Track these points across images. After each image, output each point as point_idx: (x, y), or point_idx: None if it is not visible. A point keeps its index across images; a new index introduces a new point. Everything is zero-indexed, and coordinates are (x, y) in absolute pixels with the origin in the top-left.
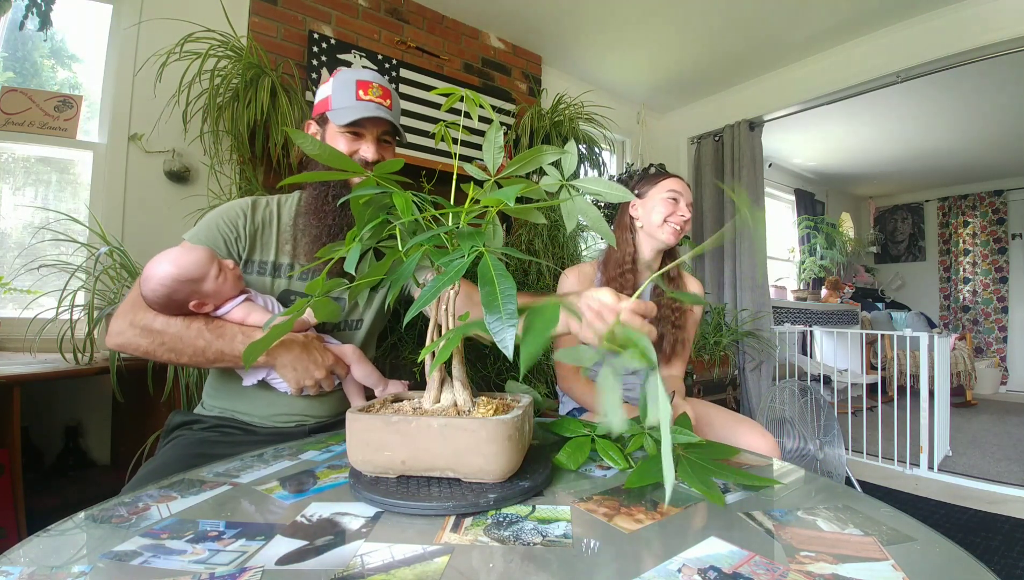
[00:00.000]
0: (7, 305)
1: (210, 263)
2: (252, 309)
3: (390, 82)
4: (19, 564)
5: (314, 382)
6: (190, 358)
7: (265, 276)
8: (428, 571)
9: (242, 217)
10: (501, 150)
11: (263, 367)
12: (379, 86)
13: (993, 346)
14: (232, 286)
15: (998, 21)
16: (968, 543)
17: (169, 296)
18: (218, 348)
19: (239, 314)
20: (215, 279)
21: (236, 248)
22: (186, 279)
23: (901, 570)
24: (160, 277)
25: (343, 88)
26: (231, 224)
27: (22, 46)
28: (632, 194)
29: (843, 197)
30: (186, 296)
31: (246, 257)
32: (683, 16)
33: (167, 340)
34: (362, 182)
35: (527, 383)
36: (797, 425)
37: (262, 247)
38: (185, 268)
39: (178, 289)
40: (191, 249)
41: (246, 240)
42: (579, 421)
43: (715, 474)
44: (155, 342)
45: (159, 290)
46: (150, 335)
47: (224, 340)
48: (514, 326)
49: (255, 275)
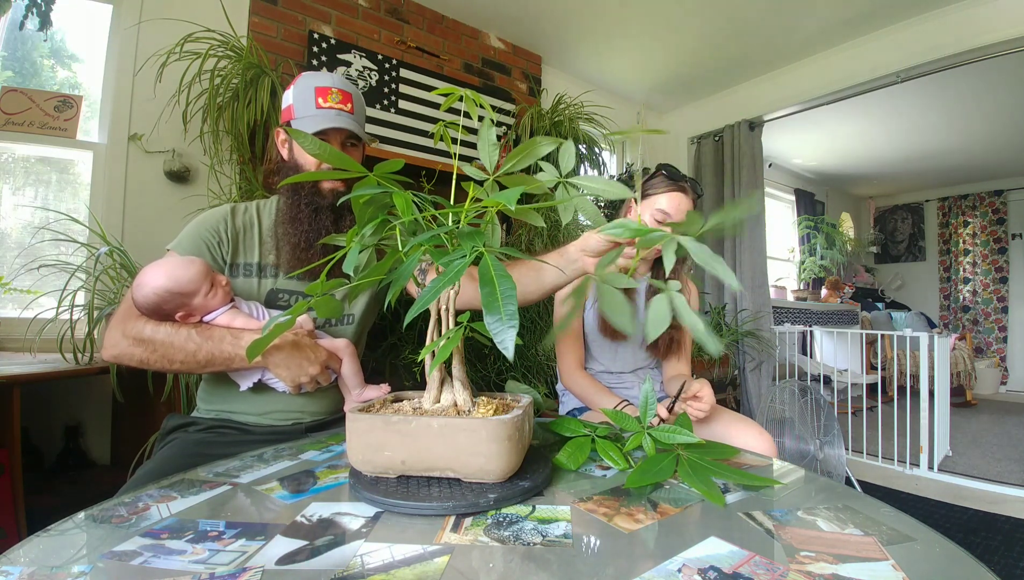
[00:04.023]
0: (7, 305)
1: (204, 279)
2: (236, 316)
3: (391, 82)
4: (19, 564)
5: (310, 378)
6: (182, 363)
7: (251, 277)
8: (428, 571)
9: (223, 222)
10: (496, 147)
11: (257, 368)
12: (338, 91)
13: (993, 346)
14: (221, 300)
15: (998, 21)
16: (968, 543)
17: (158, 305)
18: (208, 350)
19: (223, 321)
20: (206, 294)
21: (220, 252)
22: (178, 292)
23: (901, 570)
24: (153, 287)
25: (302, 97)
26: (212, 230)
27: (22, 46)
28: (630, 191)
29: (843, 197)
30: (175, 307)
31: (230, 261)
32: (683, 16)
33: (158, 347)
34: (362, 181)
35: (527, 383)
36: (797, 425)
37: (245, 250)
38: (179, 282)
39: (168, 300)
40: (189, 262)
41: (229, 244)
42: (579, 421)
43: (715, 474)
44: (148, 350)
45: (150, 298)
46: (143, 344)
47: (213, 342)
48: (515, 327)
49: (241, 277)
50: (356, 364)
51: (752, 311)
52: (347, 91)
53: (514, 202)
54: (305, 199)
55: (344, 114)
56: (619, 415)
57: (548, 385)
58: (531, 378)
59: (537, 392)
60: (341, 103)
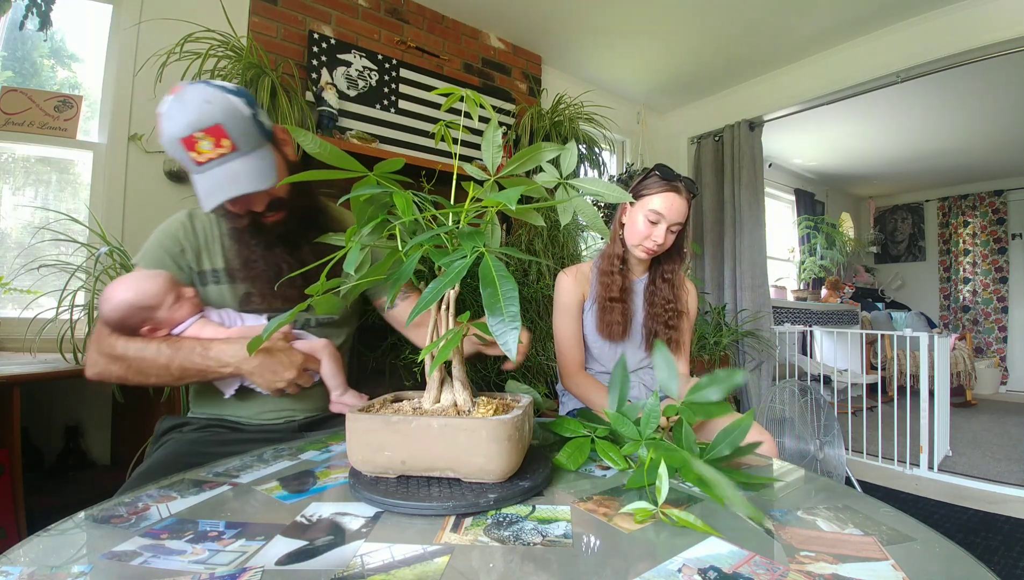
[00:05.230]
0: (7, 305)
1: (167, 292)
2: (206, 326)
3: (391, 82)
4: (19, 564)
5: (286, 383)
6: (157, 378)
7: (221, 284)
8: (428, 571)
9: (182, 229)
10: (500, 149)
11: (236, 377)
12: (205, 134)
13: (993, 346)
14: (188, 312)
15: (998, 21)
16: (968, 543)
17: (123, 320)
18: (179, 364)
19: (193, 332)
20: (169, 307)
21: (184, 261)
22: (141, 306)
23: (901, 570)
24: (116, 302)
25: (174, 151)
26: (173, 238)
27: (22, 46)
28: (629, 196)
29: (843, 197)
30: (140, 322)
31: (197, 268)
32: (683, 16)
33: (131, 363)
34: (363, 181)
35: (527, 383)
36: (797, 425)
37: (210, 256)
38: (141, 295)
39: (131, 315)
40: (151, 275)
41: (191, 251)
42: (579, 421)
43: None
44: (123, 367)
45: (115, 314)
46: (117, 361)
47: (183, 354)
48: (517, 328)
49: (211, 285)
50: (335, 365)
51: (752, 311)
52: (211, 124)
53: (515, 202)
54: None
55: (228, 162)
56: (620, 418)
57: (548, 385)
58: (531, 378)
59: (537, 392)
60: (216, 147)
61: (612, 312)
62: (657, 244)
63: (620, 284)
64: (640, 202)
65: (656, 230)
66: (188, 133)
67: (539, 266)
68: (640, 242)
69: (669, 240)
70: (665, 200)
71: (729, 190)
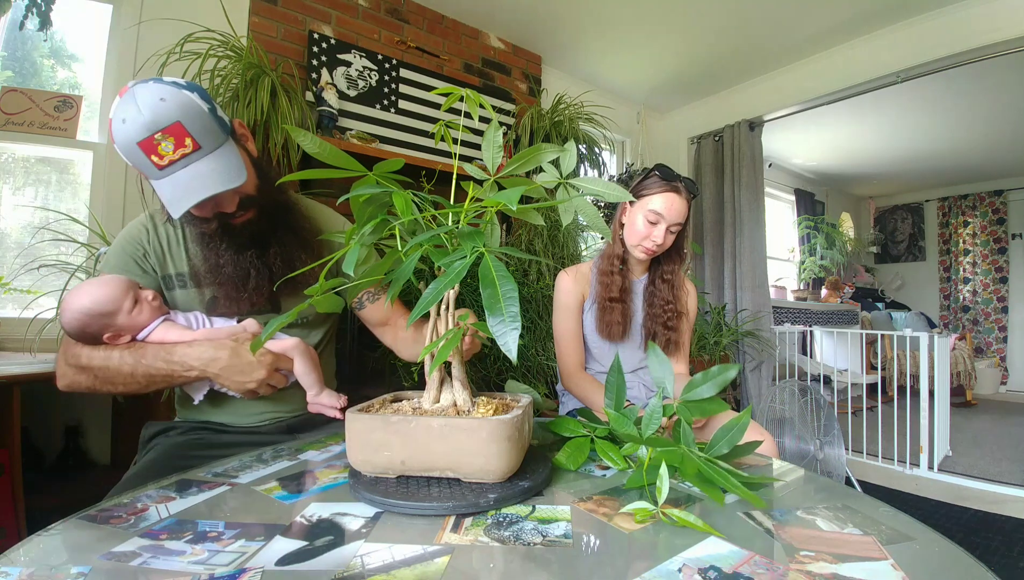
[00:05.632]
0: (7, 305)
1: (124, 296)
2: (170, 329)
3: (391, 82)
4: (19, 564)
5: (257, 383)
6: (124, 386)
7: (187, 288)
8: (428, 571)
9: (144, 233)
10: (500, 149)
11: (203, 380)
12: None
13: (993, 346)
14: (149, 317)
15: (998, 21)
16: (968, 543)
17: (83, 328)
18: (144, 370)
19: (157, 336)
20: (129, 313)
21: (148, 265)
22: (98, 313)
23: (901, 570)
24: (73, 310)
25: (132, 158)
26: (135, 242)
27: (22, 46)
28: (629, 194)
29: (843, 197)
30: (99, 329)
31: (162, 273)
32: (683, 16)
33: (97, 372)
34: (362, 180)
35: (527, 383)
36: (797, 425)
37: (173, 260)
38: (98, 301)
39: (90, 322)
40: (107, 281)
41: (154, 255)
42: (579, 421)
43: (714, 475)
44: (89, 377)
45: (73, 323)
46: (83, 372)
47: (147, 360)
48: (517, 328)
49: (178, 289)
50: (308, 364)
51: (752, 311)
52: (169, 123)
53: (515, 202)
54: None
55: (192, 163)
56: (620, 419)
57: (548, 385)
58: (531, 378)
59: (537, 392)
60: (178, 147)
61: (612, 312)
62: (657, 244)
63: (620, 284)
64: (640, 202)
65: (656, 230)
66: (146, 135)
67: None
68: (640, 242)
69: (669, 240)
70: (665, 200)
71: (729, 190)
